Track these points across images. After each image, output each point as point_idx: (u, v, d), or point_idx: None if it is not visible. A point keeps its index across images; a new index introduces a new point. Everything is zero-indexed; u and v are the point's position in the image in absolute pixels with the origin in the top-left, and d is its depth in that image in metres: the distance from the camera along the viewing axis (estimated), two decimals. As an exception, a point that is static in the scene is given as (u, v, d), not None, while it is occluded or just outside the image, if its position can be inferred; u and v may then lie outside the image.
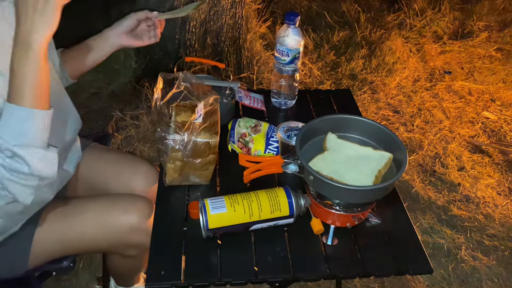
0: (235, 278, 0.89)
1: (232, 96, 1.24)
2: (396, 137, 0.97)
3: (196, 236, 0.94)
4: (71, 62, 1.17)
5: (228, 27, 2.32)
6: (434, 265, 1.72)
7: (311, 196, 0.97)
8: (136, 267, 1.34)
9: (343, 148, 1.00)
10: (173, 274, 0.88)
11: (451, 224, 1.90)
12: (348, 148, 1.00)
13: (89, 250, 1.41)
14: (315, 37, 3.06)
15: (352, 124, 1.03)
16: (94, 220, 1.06)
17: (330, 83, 2.67)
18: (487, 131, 2.42)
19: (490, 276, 1.70)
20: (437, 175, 2.14)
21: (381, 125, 1.01)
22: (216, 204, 0.91)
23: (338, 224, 0.96)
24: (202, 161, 1.00)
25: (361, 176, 0.93)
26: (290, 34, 1.21)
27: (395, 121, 2.46)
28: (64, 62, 1.16)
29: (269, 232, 0.96)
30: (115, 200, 1.12)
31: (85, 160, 1.22)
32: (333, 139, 1.01)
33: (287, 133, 1.08)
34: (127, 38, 1.16)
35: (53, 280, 1.60)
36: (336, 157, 0.97)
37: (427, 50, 2.98)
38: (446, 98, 2.64)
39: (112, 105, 2.33)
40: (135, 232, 1.08)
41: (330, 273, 0.90)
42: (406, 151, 0.93)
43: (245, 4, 2.34)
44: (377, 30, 3.06)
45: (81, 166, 1.21)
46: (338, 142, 1.01)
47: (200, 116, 0.97)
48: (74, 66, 1.18)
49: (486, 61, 2.98)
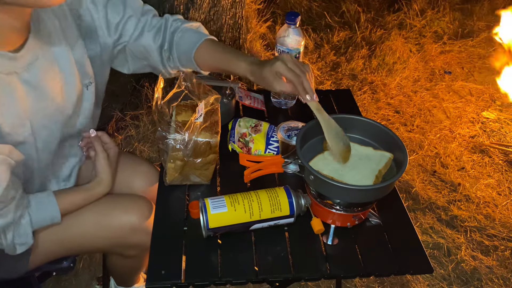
0: (235, 277, 0.89)
1: (232, 96, 1.24)
2: (396, 137, 0.97)
3: (196, 236, 0.94)
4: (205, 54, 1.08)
5: (228, 27, 2.32)
6: (434, 265, 1.73)
7: (311, 195, 0.97)
8: (136, 267, 1.34)
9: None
10: (173, 273, 0.88)
11: (451, 224, 1.90)
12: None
13: (89, 250, 1.41)
14: (315, 37, 3.06)
15: (353, 124, 1.03)
16: (94, 220, 1.06)
17: (330, 83, 2.67)
18: (487, 131, 2.42)
19: (490, 276, 1.70)
20: (437, 175, 2.14)
21: (381, 125, 1.01)
22: (216, 203, 0.91)
23: (338, 224, 0.96)
24: (203, 161, 1.00)
25: (361, 176, 0.93)
26: (291, 34, 1.21)
27: (395, 121, 2.46)
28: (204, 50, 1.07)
29: (269, 232, 0.96)
30: (115, 200, 1.12)
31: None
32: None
33: (287, 133, 1.08)
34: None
35: (53, 280, 1.60)
36: None
37: (427, 50, 2.99)
38: (446, 98, 2.64)
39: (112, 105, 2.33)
40: (135, 232, 1.08)
41: (330, 273, 0.90)
42: (406, 151, 0.93)
43: (245, 4, 2.34)
44: (377, 30, 3.06)
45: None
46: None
47: (201, 116, 0.97)
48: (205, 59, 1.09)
49: (486, 61, 2.98)
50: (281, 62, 0.93)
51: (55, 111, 0.94)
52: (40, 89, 0.89)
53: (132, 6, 1.06)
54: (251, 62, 1.00)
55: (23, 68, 0.84)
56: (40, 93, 0.89)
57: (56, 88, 0.92)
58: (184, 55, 1.09)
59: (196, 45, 1.06)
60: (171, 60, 1.11)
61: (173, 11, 2.07)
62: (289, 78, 0.93)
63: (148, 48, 1.08)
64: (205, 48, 1.07)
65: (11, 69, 0.82)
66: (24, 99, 0.85)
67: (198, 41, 1.06)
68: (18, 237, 0.90)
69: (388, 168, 0.97)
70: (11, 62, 0.82)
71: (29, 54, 0.86)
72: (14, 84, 0.83)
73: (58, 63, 0.93)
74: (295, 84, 0.93)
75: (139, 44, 1.08)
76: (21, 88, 0.84)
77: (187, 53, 1.07)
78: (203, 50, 1.06)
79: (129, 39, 1.07)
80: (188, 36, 1.08)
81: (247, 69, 1.00)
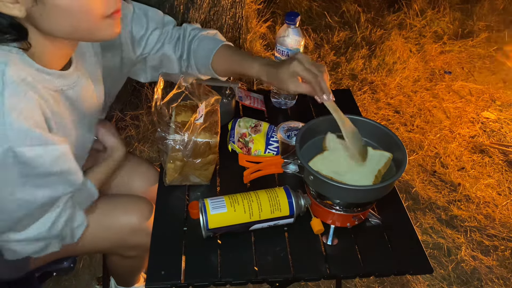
0: (235, 278, 0.89)
1: (232, 96, 1.24)
2: (395, 137, 0.97)
3: (196, 236, 0.94)
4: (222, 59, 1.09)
5: (228, 27, 2.32)
6: (434, 265, 1.73)
7: (311, 196, 0.97)
8: (136, 267, 1.34)
9: (343, 148, 1.00)
10: (173, 274, 0.88)
11: (451, 224, 1.90)
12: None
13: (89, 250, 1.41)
14: (315, 37, 3.06)
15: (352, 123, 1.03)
16: (94, 221, 1.06)
17: (330, 83, 2.66)
18: (487, 131, 2.42)
19: (490, 276, 1.70)
20: (437, 175, 2.14)
21: (380, 124, 1.01)
22: (216, 204, 0.91)
23: (338, 224, 0.96)
24: (202, 161, 1.00)
25: (361, 176, 0.93)
26: (290, 34, 1.21)
27: (395, 121, 2.46)
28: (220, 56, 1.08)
29: (269, 232, 0.96)
30: (115, 200, 1.12)
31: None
32: (333, 139, 1.01)
33: (287, 133, 1.08)
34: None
35: (53, 281, 1.61)
36: (336, 157, 0.97)
37: (427, 50, 2.99)
38: (446, 98, 2.64)
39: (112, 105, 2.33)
40: (135, 232, 1.08)
41: (330, 273, 0.90)
42: (405, 151, 0.93)
43: (245, 4, 2.34)
44: (377, 30, 3.06)
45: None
46: (338, 142, 1.01)
47: (202, 117, 0.97)
48: (221, 65, 1.09)
49: (486, 61, 2.98)
50: (298, 62, 0.93)
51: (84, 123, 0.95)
52: (79, 104, 0.90)
53: (154, 18, 1.08)
54: (264, 64, 1.00)
55: (69, 86, 0.86)
56: (79, 108, 0.90)
57: (89, 104, 0.95)
58: (202, 63, 1.10)
59: (213, 51, 1.07)
60: (190, 69, 1.12)
61: (173, 11, 2.07)
62: (306, 78, 0.93)
63: (169, 59, 1.11)
64: (222, 54, 1.08)
65: (60, 86, 0.83)
66: (65, 113, 0.87)
67: (214, 47, 1.08)
68: (73, 221, 0.92)
69: (387, 168, 0.97)
70: (60, 80, 0.83)
71: (75, 73, 0.88)
72: (58, 100, 0.84)
73: (92, 80, 0.95)
74: (313, 85, 0.93)
75: (160, 55, 1.10)
76: (64, 102, 0.86)
77: (205, 61, 1.09)
78: (220, 56, 1.08)
79: (151, 51, 1.09)
80: (205, 44, 1.09)
81: (261, 70, 1.00)
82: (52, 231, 0.87)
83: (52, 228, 0.87)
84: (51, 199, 0.83)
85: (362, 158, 0.96)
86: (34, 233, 0.85)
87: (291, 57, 0.97)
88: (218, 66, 1.09)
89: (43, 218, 0.85)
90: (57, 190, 0.82)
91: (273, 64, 0.99)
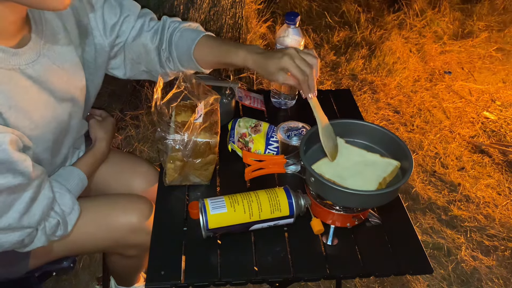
0: (235, 278, 0.89)
1: (232, 96, 1.24)
2: (404, 145, 0.96)
3: (196, 236, 0.94)
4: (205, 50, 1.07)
5: (228, 27, 2.32)
6: (434, 265, 1.73)
7: (311, 196, 0.97)
8: (136, 267, 1.34)
9: (350, 153, 0.99)
10: (173, 274, 0.88)
11: (451, 224, 1.90)
12: (355, 153, 1.00)
13: (89, 250, 1.41)
14: (315, 37, 3.06)
15: (361, 129, 1.03)
16: (94, 220, 1.06)
17: (330, 83, 2.67)
18: (487, 131, 2.42)
19: (490, 276, 1.70)
20: (437, 175, 2.14)
21: (390, 131, 1.00)
22: (216, 204, 0.91)
23: (338, 224, 0.96)
24: (202, 161, 1.00)
25: (364, 182, 0.92)
26: (290, 34, 1.21)
27: (395, 121, 2.46)
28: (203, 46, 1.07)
29: (269, 232, 0.96)
30: (115, 200, 1.12)
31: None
32: (341, 144, 1.00)
33: (287, 133, 1.08)
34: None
35: (53, 280, 1.61)
36: (342, 162, 0.97)
37: (427, 50, 2.98)
38: (446, 98, 2.64)
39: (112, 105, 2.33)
40: (135, 232, 1.08)
41: (330, 273, 0.90)
42: (412, 159, 0.92)
43: (245, 4, 2.34)
44: (377, 30, 3.06)
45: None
46: (346, 146, 1.00)
47: (201, 116, 0.97)
48: (205, 55, 1.08)
49: (486, 61, 2.98)
50: (289, 58, 0.93)
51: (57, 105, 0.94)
52: (44, 84, 0.89)
53: (129, 7, 1.07)
54: (251, 51, 0.99)
55: (27, 65, 0.85)
56: (43, 87, 0.89)
57: (59, 85, 0.93)
58: (184, 54, 1.08)
59: (195, 41, 1.06)
60: (171, 61, 1.10)
61: (173, 11, 2.07)
62: (295, 76, 0.94)
63: (146, 48, 1.08)
64: (204, 44, 1.06)
65: (15, 64, 0.82)
66: (27, 92, 0.86)
67: (196, 37, 1.06)
68: (64, 206, 0.94)
69: (393, 177, 0.96)
70: (14, 57, 0.82)
71: (33, 52, 0.86)
72: (16, 79, 0.83)
73: (63, 63, 0.94)
74: (300, 82, 0.94)
75: (137, 45, 1.08)
76: (24, 81, 0.84)
77: (187, 52, 1.07)
78: (202, 47, 1.06)
79: (127, 39, 1.07)
80: (187, 35, 1.08)
81: (247, 58, 0.99)
82: (27, 219, 0.84)
83: (26, 217, 0.84)
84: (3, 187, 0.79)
85: (332, 157, 0.97)
86: (3, 222, 0.82)
87: (282, 51, 0.96)
88: (201, 57, 1.07)
89: (13, 206, 0.82)
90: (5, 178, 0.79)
91: (261, 53, 0.98)
